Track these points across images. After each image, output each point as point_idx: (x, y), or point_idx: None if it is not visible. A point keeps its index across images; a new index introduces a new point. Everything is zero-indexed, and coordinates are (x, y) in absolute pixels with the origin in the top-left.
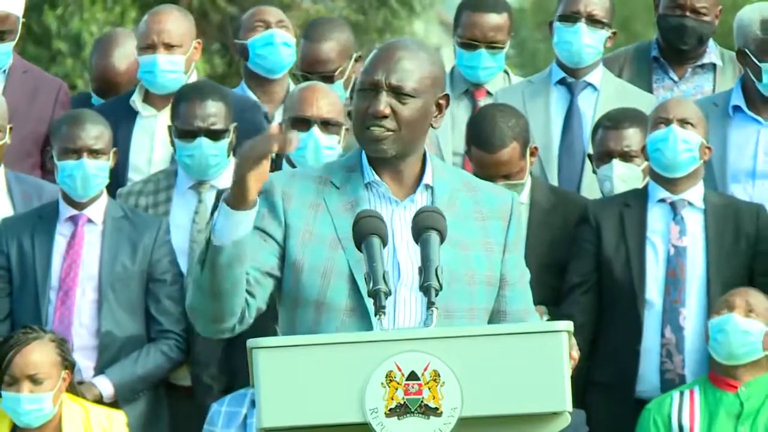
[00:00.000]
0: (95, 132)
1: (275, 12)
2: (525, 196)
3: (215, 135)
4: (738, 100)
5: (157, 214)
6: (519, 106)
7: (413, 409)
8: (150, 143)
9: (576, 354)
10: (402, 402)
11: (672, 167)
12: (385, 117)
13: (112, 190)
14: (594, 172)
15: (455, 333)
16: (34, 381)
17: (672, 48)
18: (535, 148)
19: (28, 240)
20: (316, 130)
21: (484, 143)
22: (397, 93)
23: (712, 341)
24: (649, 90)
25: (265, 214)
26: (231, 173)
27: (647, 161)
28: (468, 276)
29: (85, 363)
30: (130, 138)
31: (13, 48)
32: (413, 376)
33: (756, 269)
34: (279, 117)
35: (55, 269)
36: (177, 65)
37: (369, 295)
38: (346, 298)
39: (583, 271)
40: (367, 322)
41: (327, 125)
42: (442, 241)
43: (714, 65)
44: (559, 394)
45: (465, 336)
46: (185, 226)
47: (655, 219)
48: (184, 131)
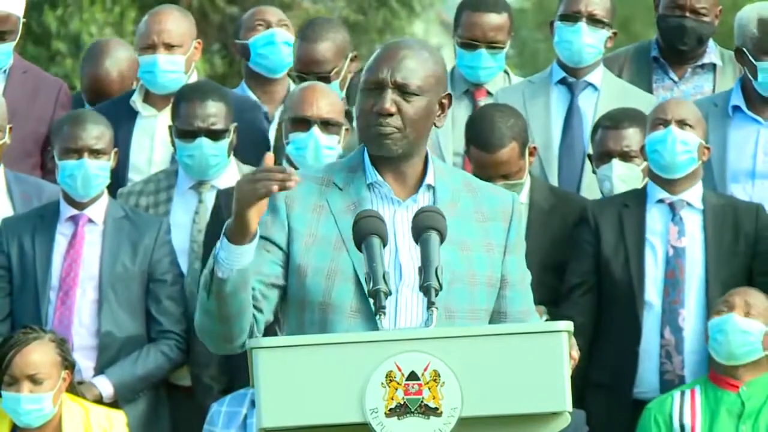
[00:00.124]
0: (96, 132)
1: (275, 11)
2: (524, 196)
3: (215, 135)
4: (737, 100)
5: (158, 214)
6: (519, 105)
7: (413, 409)
8: (150, 143)
9: (576, 354)
10: (402, 402)
11: (670, 168)
12: (391, 115)
13: (112, 190)
14: (593, 172)
15: (455, 333)
16: (34, 381)
17: (672, 48)
18: (534, 147)
19: (28, 240)
20: (316, 130)
21: (482, 143)
22: (403, 91)
23: (711, 341)
24: (649, 90)
25: (269, 220)
26: (231, 173)
27: (646, 161)
28: (469, 276)
29: (85, 363)
30: (130, 138)
31: (13, 48)
32: (413, 376)
33: (755, 269)
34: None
35: (56, 269)
36: (177, 65)
37: (369, 295)
38: (351, 298)
39: (582, 272)
40: (373, 322)
41: (327, 125)
42: (442, 241)
43: (714, 65)
44: (559, 394)
45: (465, 336)
46: (185, 226)
47: (654, 220)
48: (184, 131)
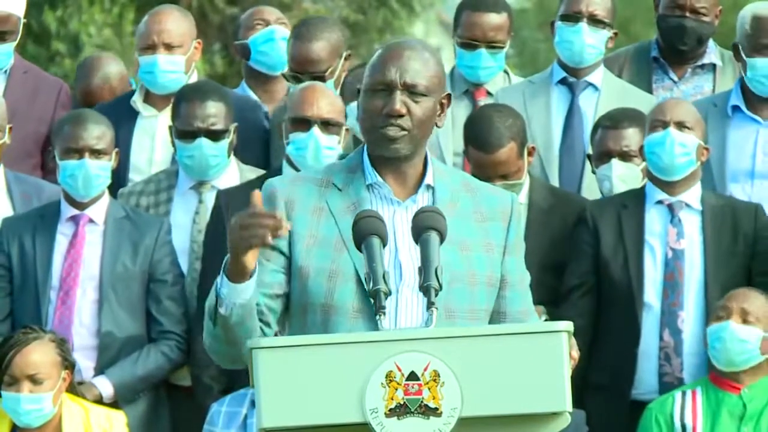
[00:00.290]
0: (97, 132)
1: (273, 11)
2: (523, 196)
3: (215, 135)
4: (737, 100)
5: (158, 214)
6: (520, 105)
7: (413, 409)
8: (151, 143)
9: (576, 354)
10: (402, 402)
11: (669, 171)
12: (401, 116)
13: (113, 190)
14: (593, 172)
15: (455, 333)
16: (34, 381)
17: (672, 48)
18: (533, 147)
19: (29, 240)
20: (316, 130)
21: (481, 143)
22: (411, 92)
23: (710, 348)
24: (649, 90)
25: None
26: (232, 173)
27: (645, 161)
28: (469, 276)
29: (86, 363)
30: (130, 138)
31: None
32: (413, 376)
33: (754, 269)
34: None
35: (56, 269)
36: (177, 65)
37: (369, 295)
38: (353, 299)
39: (582, 273)
40: (374, 322)
41: (327, 125)
42: (442, 241)
43: (714, 65)
44: (559, 394)
45: (465, 336)
46: (186, 226)
47: (653, 221)
48: (184, 132)
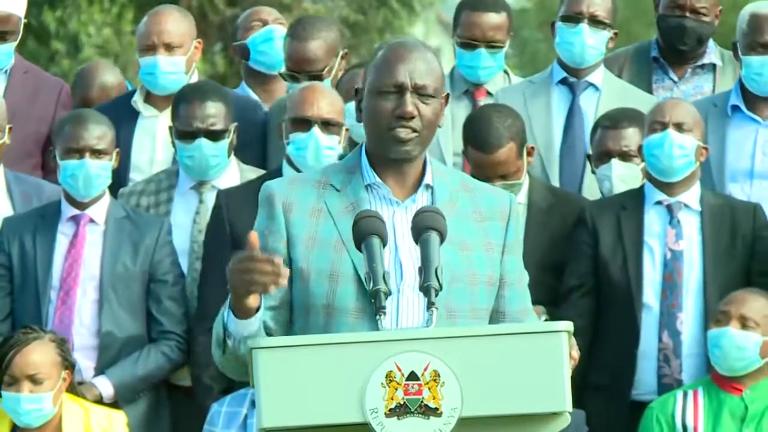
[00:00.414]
0: (98, 132)
1: (271, 11)
2: (523, 196)
3: (215, 136)
4: (737, 99)
5: (159, 214)
6: (520, 105)
7: (413, 409)
8: (152, 143)
9: (576, 354)
10: (402, 402)
11: (668, 172)
12: (413, 118)
13: (113, 190)
14: (593, 172)
15: (455, 333)
16: (34, 381)
17: (672, 48)
18: (532, 147)
19: (29, 239)
20: (316, 130)
21: (480, 144)
22: (420, 93)
23: (710, 353)
24: (649, 90)
25: (266, 230)
26: (232, 173)
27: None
28: (470, 276)
29: (86, 363)
30: (131, 138)
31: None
32: (413, 376)
33: (753, 269)
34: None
35: (57, 269)
36: (178, 66)
37: (369, 296)
38: (353, 299)
39: (581, 274)
40: (376, 323)
41: (327, 125)
42: (442, 241)
43: (714, 65)
44: (559, 394)
45: (465, 336)
46: (186, 226)
47: (652, 222)
48: (183, 132)
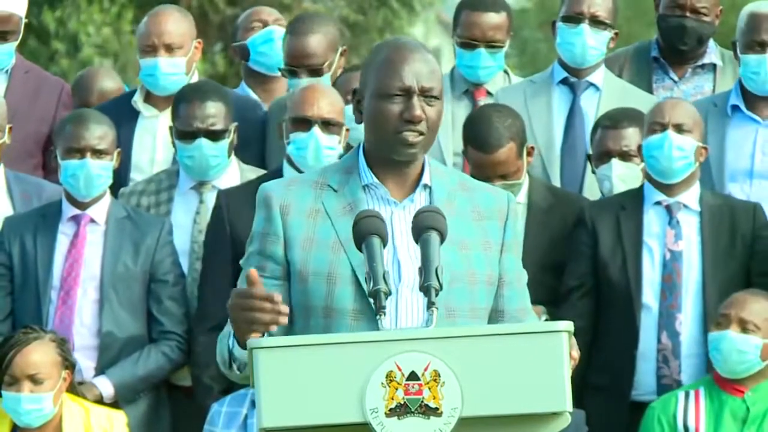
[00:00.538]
0: (99, 132)
1: (270, 11)
2: (522, 196)
3: (215, 136)
4: (736, 99)
5: (159, 214)
6: (520, 105)
7: (413, 409)
8: (152, 143)
9: (576, 354)
10: (402, 402)
11: (667, 174)
12: (421, 121)
13: (114, 190)
14: (593, 172)
15: (455, 333)
16: (34, 381)
17: (672, 48)
18: (532, 147)
19: (30, 239)
20: (316, 130)
21: (480, 144)
22: (426, 96)
23: (711, 356)
24: (649, 90)
25: (263, 233)
26: (232, 173)
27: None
28: (469, 275)
29: (86, 363)
30: (132, 138)
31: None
32: (413, 376)
33: (753, 270)
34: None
35: (57, 269)
36: (178, 67)
37: (369, 295)
38: (351, 301)
39: (580, 274)
40: (375, 323)
41: (328, 125)
42: (442, 241)
43: (714, 65)
44: (559, 394)
45: (465, 336)
46: (186, 226)
47: (652, 222)
48: (183, 132)
